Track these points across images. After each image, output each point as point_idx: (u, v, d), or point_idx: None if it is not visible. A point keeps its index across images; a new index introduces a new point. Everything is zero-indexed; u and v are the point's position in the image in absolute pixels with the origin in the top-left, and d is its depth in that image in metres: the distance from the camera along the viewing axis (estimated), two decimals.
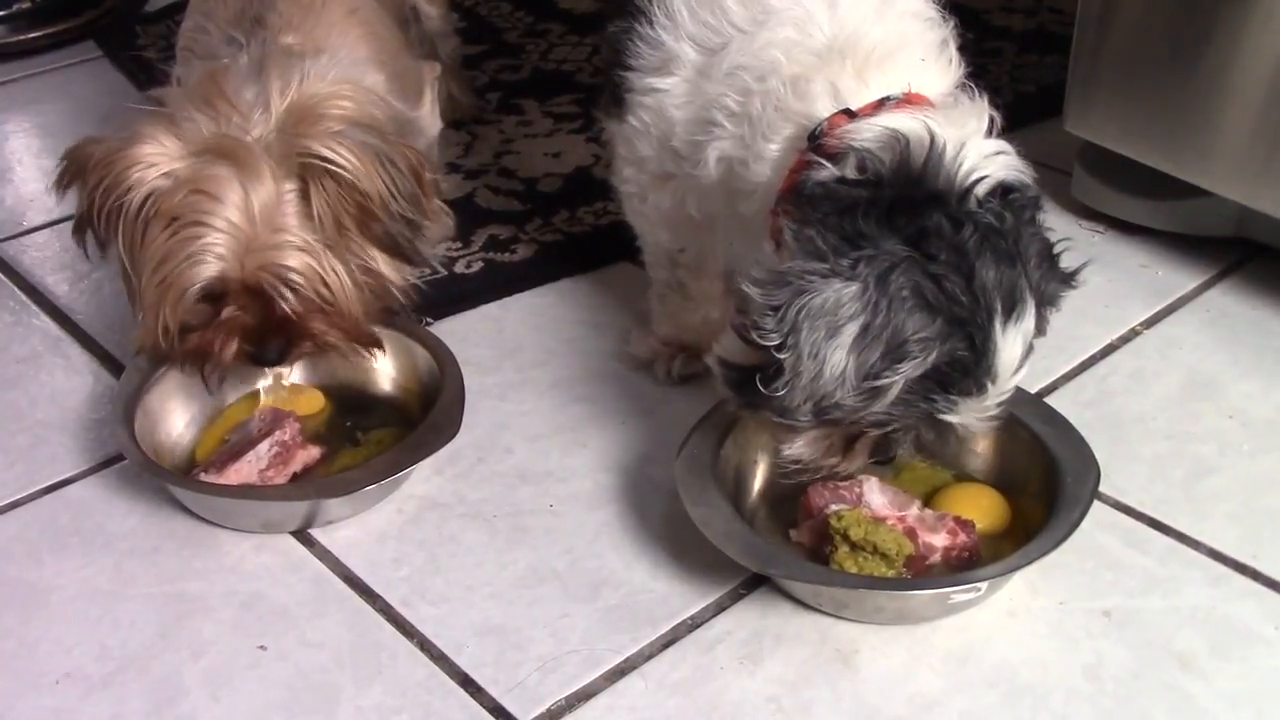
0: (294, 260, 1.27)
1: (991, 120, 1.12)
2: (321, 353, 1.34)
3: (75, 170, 1.30)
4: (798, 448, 1.13)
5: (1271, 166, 1.48)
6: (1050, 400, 1.37)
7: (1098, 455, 1.21)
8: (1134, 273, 1.64)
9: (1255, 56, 1.46)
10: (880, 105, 1.12)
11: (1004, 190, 1.07)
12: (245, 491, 1.27)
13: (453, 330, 1.53)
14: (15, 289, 1.69)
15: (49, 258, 1.75)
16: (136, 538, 1.28)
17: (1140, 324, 1.54)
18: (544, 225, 1.75)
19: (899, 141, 1.06)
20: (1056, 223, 1.68)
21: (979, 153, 1.07)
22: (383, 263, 1.35)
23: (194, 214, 1.24)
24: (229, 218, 1.24)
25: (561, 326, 1.57)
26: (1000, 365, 1.05)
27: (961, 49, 1.22)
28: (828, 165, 1.09)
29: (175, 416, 1.37)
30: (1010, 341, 1.04)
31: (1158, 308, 1.57)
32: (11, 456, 1.39)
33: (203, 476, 1.28)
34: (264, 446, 1.30)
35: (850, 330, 1.02)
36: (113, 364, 1.53)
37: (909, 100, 1.13)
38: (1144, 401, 1.41)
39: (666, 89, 1.24)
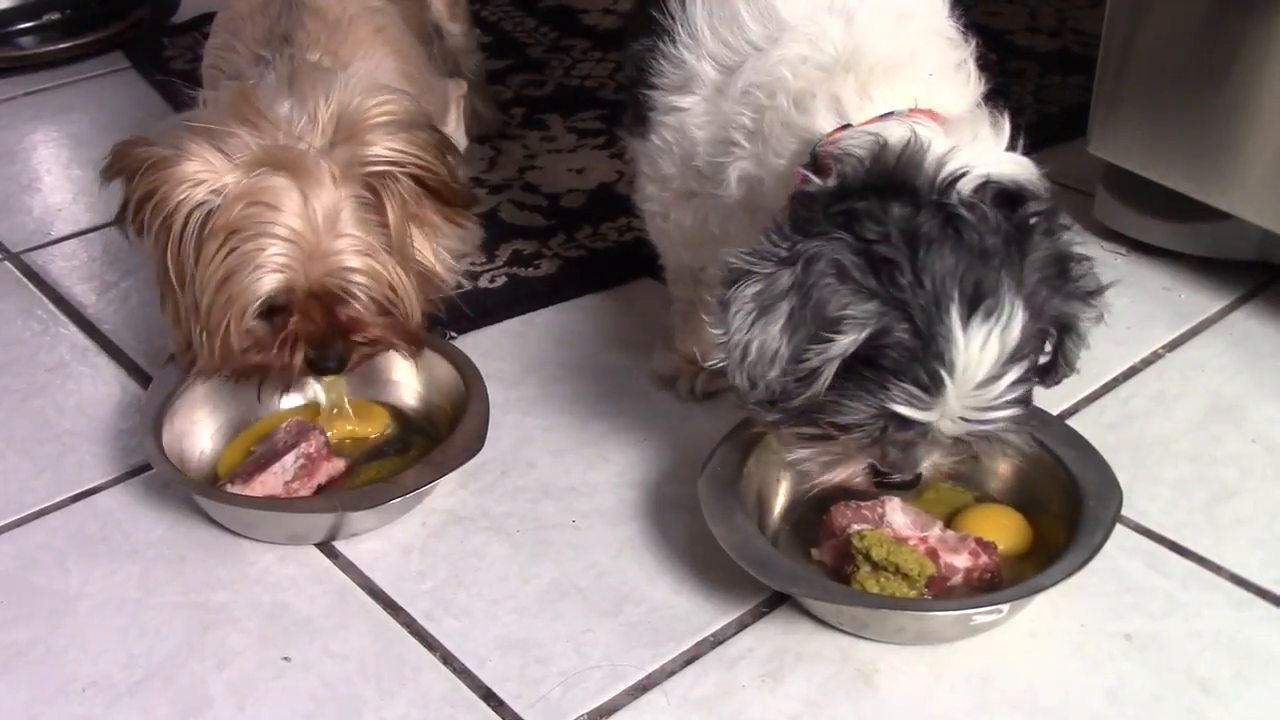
0: (358, 262, 1.27)
1: (1013, 135, 1.10)
2: (376, 355, 1.35)
3: (123, 169, 1.29)
4: (798, 455, 1.12)
5: None
6: (1072, 422, 1.37)
7: (1120, 478, 1.21)
8: (1157, 295, 1.64)
9: (1273, 80, 1.46)
10: (884, 119, 1.11)
11: (1009, 196, 1.04)
12: (271, 503, 1.28)
13: (476, 345, 1.54)
14: (43, 298, 1.71)
15: (77, 267, 1.77)
16: (163, 547, 1.29)
17: (1163, 346, 1.54)
18: (567, 241, 1.76)
19: (878, 145, 1.06)
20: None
21: (974, 156, 1.05)
22: (433, 256, 1.37)
23: (253, 226, 1.24)
24: (290, 225, 1.24)
25: (584, 342, 1.58)
26: (958, 358, 1.00)
27: (984, 69, 1.22)
28: (814, 179, 1.09)
29: (202, 427, 1.39)
30: (975, 337, 0.99)
31: (1180, 330, 1.57)
32: (39, 465, 1.40)
33: (229, 487, 1.29)
34: (289, 458, 1.31)
35: (783, 310, 1.02)
36: (140, 373, 1.54)
37: (914, 114, 1.11)
38: (1166, 424, 1.41)
39: (688, 108, 1.25)
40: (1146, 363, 1.52)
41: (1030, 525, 1.24)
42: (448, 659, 1.15)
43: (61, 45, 2.41)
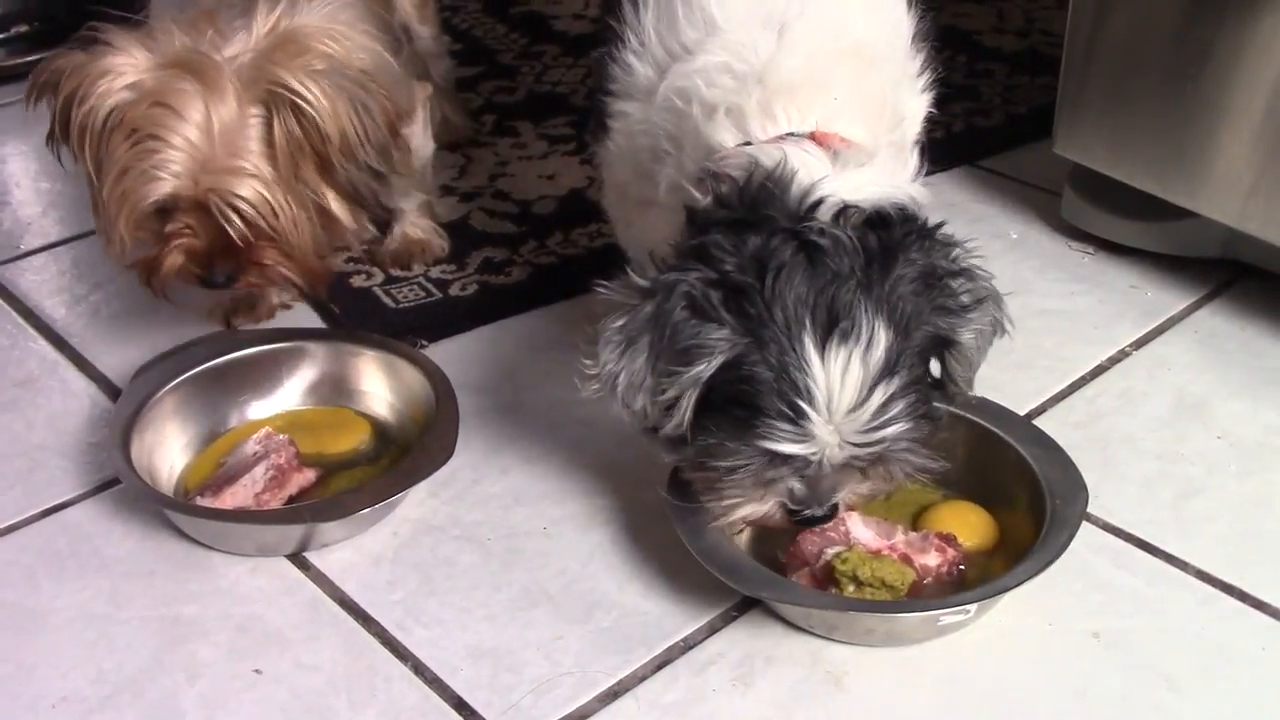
0: (245, 188, 1.26)
1: (919, 167, 1.11)
2: (270, 284, 1.34)
3: (47, 83, 1.30)
4: (711, 500, 1.11)
5: (1259, 189, 1.49)
6: (1039, 421, 1.38)
7: (1086, 476, 1.22)
8: (1123, 293, 1.65)
9: (1244, 80, 1.48)
10: (781, 140, 1.09)
11: (876, 220, 1.03)
12: (241, 515, 1.28)
13: (447, 353, 1.54)
14: (12, 312, 1.70)
15: (46, 281, 1.76)
16: (133, 561, 1.28)
17: (1129, 345, 1.55)
18: (538, 248, 1.76)
19: (751, 168, 1.05)
20: (1047, 244, 1.72)
21: (846, 183, 1.04)
22: (335, 204, 1.35)
23: (154, 127, 1.25)
24: (187, 135, 1.25)
25: (556, 349, 1.58)
26: (817, 387, 0.99)
27: (945, 74, 1.22)
28: (696, 195, 1.09)
29: (172, 440, 1.38)
30: (834, 363, 0.98)
31: (1147, 328, 1.58)
32: (8, 480, 1.40)
33: (198, 500, 1.29)
34: (259, 470, 1.31)
35: (645, 342, 1.03)
36: (109, 387, 1.53)
37: (813, 137, 1.09)
38: (1133, 422, 1.42)
39: (631, 113, 1.25)
40: (1113, 361, 1.53)
41: (996, 521, 1.24)
42: (419, 669, 1.16)
43: (30, 58, 2.39)
